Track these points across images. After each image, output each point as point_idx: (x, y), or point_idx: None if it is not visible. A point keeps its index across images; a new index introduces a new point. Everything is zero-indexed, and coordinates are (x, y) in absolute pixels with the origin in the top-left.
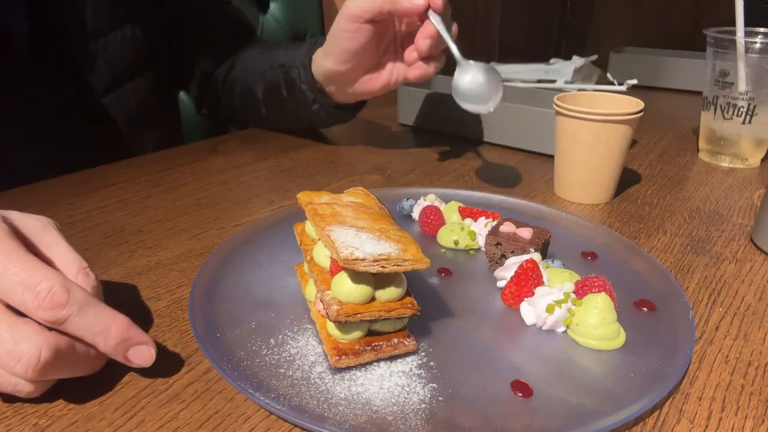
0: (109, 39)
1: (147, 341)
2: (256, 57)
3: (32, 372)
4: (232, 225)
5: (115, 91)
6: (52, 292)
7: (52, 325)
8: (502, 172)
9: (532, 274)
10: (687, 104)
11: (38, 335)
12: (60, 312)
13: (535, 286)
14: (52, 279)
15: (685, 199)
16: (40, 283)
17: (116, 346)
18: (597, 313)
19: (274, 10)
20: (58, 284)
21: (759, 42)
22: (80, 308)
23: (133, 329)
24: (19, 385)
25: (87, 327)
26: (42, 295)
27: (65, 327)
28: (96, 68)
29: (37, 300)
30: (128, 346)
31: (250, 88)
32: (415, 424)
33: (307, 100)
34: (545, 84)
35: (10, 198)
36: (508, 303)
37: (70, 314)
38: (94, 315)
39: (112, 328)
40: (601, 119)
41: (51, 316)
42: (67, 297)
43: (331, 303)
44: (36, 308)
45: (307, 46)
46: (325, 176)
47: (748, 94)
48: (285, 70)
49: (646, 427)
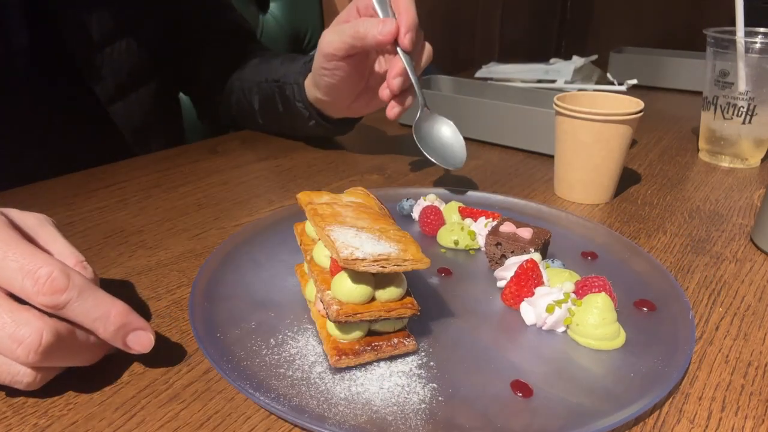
0: (114, 48)
1: (146, 327)
2: (253, 67)
3: (33, 355)
4: (232, 225)
5: (120, 100)
6: (51, 278)
7: (51, 310)
8: (502, 172)
9: (532, 274)
10: (687, 104)
11: (39, 320)
12: (60, 297)
13: (535, 286)
14: (52, 265)
15: (685, 199)
16: (39, 269)
17: (115, 331)
18: (597, 313)
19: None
20: (57, 270)
21: (759, 42)
22: (80, 293)
23: (131, 315)
24: (18, 375)
25: (86, 312)
26: (42, 280)
27: (65, 312)
28: (102, 77)
29: (36, 285)
30: (127, 331)
31: (247, 99)
32: (415, 424)
33: (302, 116)
34: (545, 84)
35: (11, 198)
36: (508, 303)
37: (70, 299)
38: (93, 301)
39: (111, 313)
40: (601, 119)
41: (51, 301)
42: (66, 282)
43: (331, 303)
44: (36, 293)
45: (301, 63)
46: (325, 176)
47: (748, 94)
48: (280, 86)
49: (646, 427)
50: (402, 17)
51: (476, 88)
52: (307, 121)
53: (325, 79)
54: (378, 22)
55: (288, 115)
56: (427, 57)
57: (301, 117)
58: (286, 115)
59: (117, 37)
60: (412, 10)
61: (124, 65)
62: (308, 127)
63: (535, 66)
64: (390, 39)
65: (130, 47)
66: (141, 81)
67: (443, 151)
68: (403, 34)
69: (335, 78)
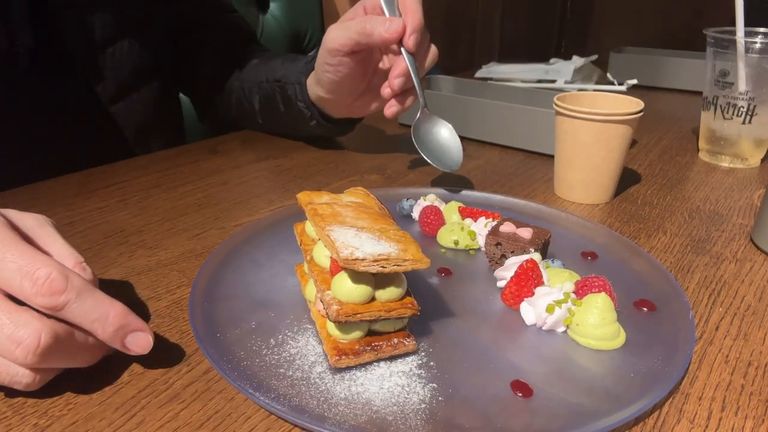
0: (116, 48)
1: (144, 328)
2: (253, 68)
3: (32, 357)
4: (232, 225)
5: (122, 100)
6: (50, 279)
7: (50, 311)
8: (502, 172)
9: (532, 273)
10: (687, 104)
11: (38, 321)
12: (58, 298)
13: (535, 286)
14: (50, 266)
15: (685, 199)
16: (38, 270)
17: (114, 332)
18: (597, 313)
19: (274, 10)
20: (56, 271)
21: (759, 42)
22: (78, 295)
23: (130, 316)
24: (17, 375)
25: (85, 313)
26: (40, 281)
27: (63, 313)
28: (103, 78)
29: (35, 287)
30: (126, 332)
31: (247, 99)
32: (415, 424)
33: (304, 116)
34: (545, 84)
35: (11, 198)
36: (508, 303)
37: (68, 300)
38: (91, 302)
39: (109, 314)
40: (601, 119)
41: (49, 303)
42: (65, 283)
43: (331, 303)
44: (34, 295)
45: (302, 63)
46: (325, 176)
47: (748, 94)
48: (281, 86)
49: (646, 427)
50: (408, 18)
51: (476, 88)
52: (308, 121)
53: (327, 75)
54: (385, 20)
55: (289, 115)
56: (431, 59)
57: (302, 117)
58: (287, 114)
59: (119, 38)
60: (419, 12)
61: (125, 65)
62: (309, 127)
63: (535, 66)
64: (396, 37)
65: (131, 47)
66: (142, 81)
67: (441, 152)
68: (408, 34)
69: (338, 75)
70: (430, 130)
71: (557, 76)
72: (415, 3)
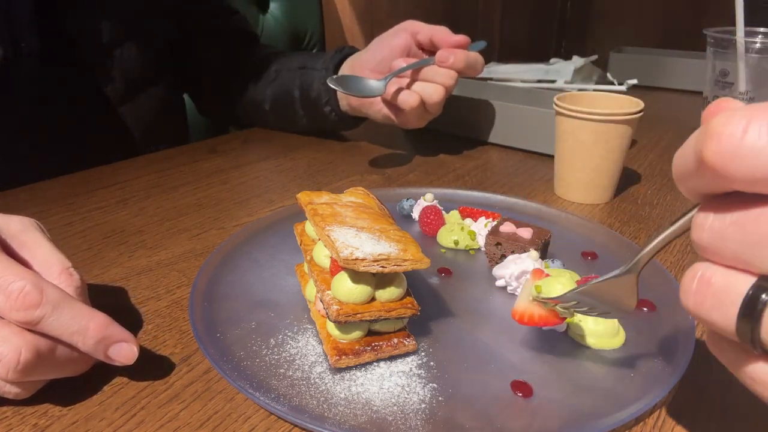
0: (124, 50)
1: (128, 338)
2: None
3: (12, 374)
4: (232, 225)
5: (130, 101)
6: (23, 293)
7: (26, 326)
8: (502, 172)
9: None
10: (687, 104)
11: (17, 336)
12: (33, 312)
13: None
14: (24, 278)
15: (685, 199)
16: (11, 283)
17: (95, 344)
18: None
19: (274, 10)
20: (30, 284)
21: (759, 42)
22: (54, 308)
23: (112, 327)
24: (5, 388)
25: (63, 327)
26: (14, 295)
27: (41, 327)
28: (111, 79)
29: (9, 301)
30: (108, 344)
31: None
32: (415, 424)
33: (320, 101)
34: (545, 84)
35: (12, 198)
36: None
37: (44, 314)
38: (69, 314)
39: (89, 326)
40: (601, 119)
41: (24, 317)
42: (40, 297)
43: (331, 303)
44: (9, 309)
45: (332, 53)
46: (325, 176)
47: (748, 94)
48: (304, 72)
49: (646, 427)
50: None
51: (476, 88)
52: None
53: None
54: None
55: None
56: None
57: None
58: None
59: (126, 39)
60: (463, 56)
61: (133, 66)
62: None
63: (535, 66)
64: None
65: (139, 49)
66: (150, 81)
67: (359, 84)
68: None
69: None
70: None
71: (557, 76)
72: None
